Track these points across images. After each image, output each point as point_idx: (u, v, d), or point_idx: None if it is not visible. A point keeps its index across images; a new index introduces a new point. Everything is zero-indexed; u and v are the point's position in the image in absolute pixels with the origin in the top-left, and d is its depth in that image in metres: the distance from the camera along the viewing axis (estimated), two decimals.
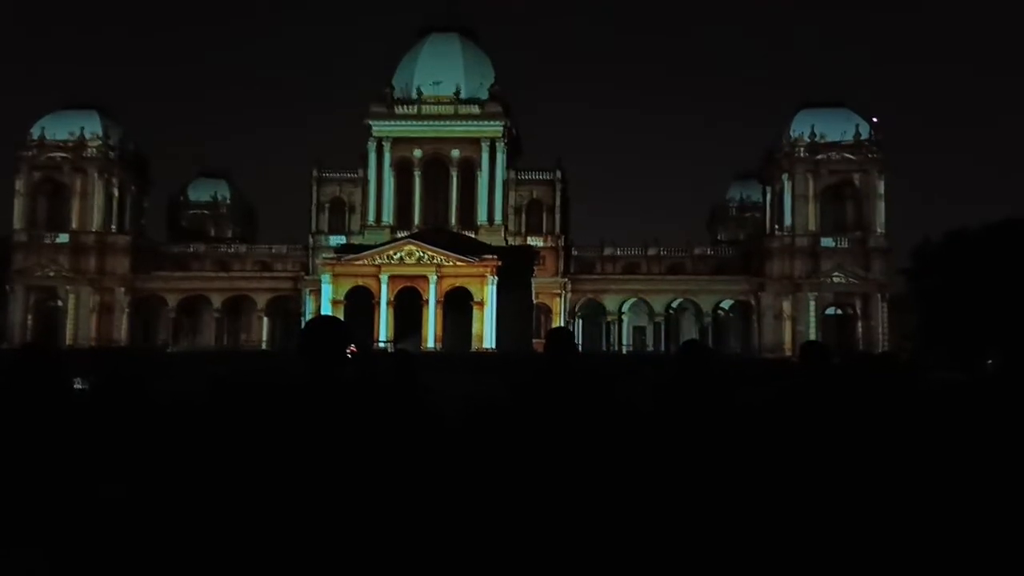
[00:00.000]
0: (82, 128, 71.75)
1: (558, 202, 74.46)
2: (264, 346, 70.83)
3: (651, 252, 75.07)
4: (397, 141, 73.47)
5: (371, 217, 73.09)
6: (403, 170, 73.84)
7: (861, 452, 5.53)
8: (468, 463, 5.77)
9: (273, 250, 77.42)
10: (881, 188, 68.78)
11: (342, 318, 49.67)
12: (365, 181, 74.01)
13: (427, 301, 62.43)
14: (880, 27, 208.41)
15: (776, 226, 71.94)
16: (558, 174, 74.87)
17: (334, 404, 4.37)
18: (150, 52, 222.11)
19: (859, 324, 68.35)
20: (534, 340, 61.24)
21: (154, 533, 5.28)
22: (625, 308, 73.62)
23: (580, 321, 72.93)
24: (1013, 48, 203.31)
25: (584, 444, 5.23)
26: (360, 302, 62.53)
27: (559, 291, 71.47)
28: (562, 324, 67.51)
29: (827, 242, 68.85)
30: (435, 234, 66.88)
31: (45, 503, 5.03)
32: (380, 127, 73.31)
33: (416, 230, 69.51)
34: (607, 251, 75.24)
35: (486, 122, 72.96)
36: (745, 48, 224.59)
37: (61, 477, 5.12)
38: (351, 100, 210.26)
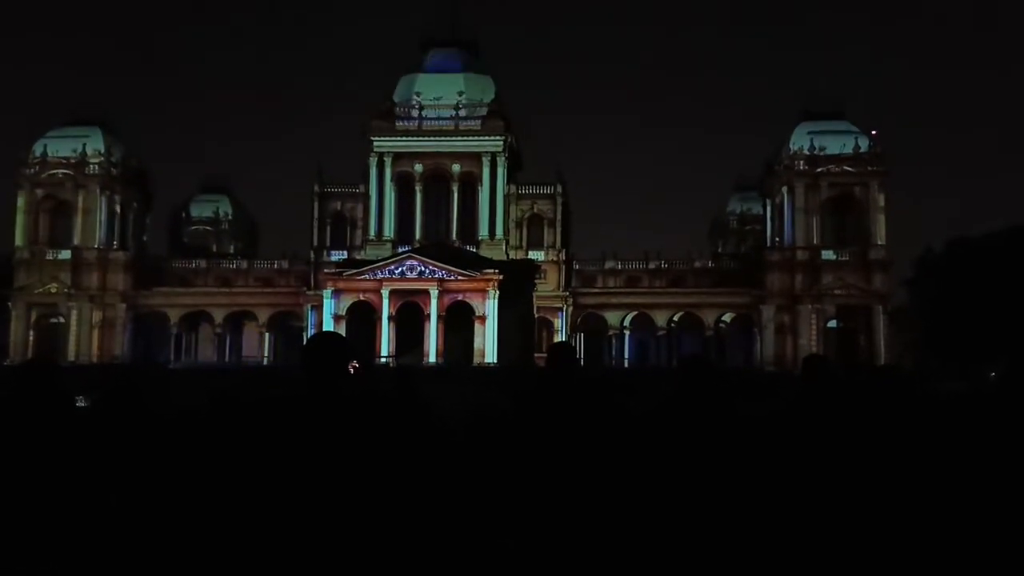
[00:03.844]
0: (84, 145, 71.91)
1: (559, 216, 74.52)
2: (266, 362, 70.76)
3: (652, 265, 74.99)
4: (398, 156, 73.65)
5: (372, 232, 73.17)
6: (404, 185, 74.01)
7: (864, 463, 5.52)
8: (471, 472, 5.76)
9: (275, 265, 77.39)
10: (881, 200, 68.76)
11: (344, 333, 49.76)
12: (366, 196, 74.11)
13: (428, 316, 62.42)
14: (880, 37, 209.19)
15: (776, 239, 71.94)
16: (559, 188, 74.97)
17: (336, 418, 4.38)
18: (152, 68, 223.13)
19: (861, 337, 68.23)
20: (536, 354, 61.18)
21: (156, 546, 5.27)
22: (627, 322, 73.54)
23: (581, 335, 72.82)
24: (1013, 57, 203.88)
25: (588, 452, 5.22)
26: (362, 317, 62.54)
27: (560, 305, 71.41)
28: (563, 338, 67.44)
29: (828, 255, 68.79)
30: (436, 249, 66.92)
31: (50, 522, 5.02)
32: (381, 142, 73.49)
33: (417, 245, 69.56)
34: (608, 264, 75.20)
35: (487, 137, 73.15)
36: (745, 60, 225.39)
37: (65, 494, 5.11)
38: (352, 115, 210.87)
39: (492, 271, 63.40)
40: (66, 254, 71.35)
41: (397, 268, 63.74)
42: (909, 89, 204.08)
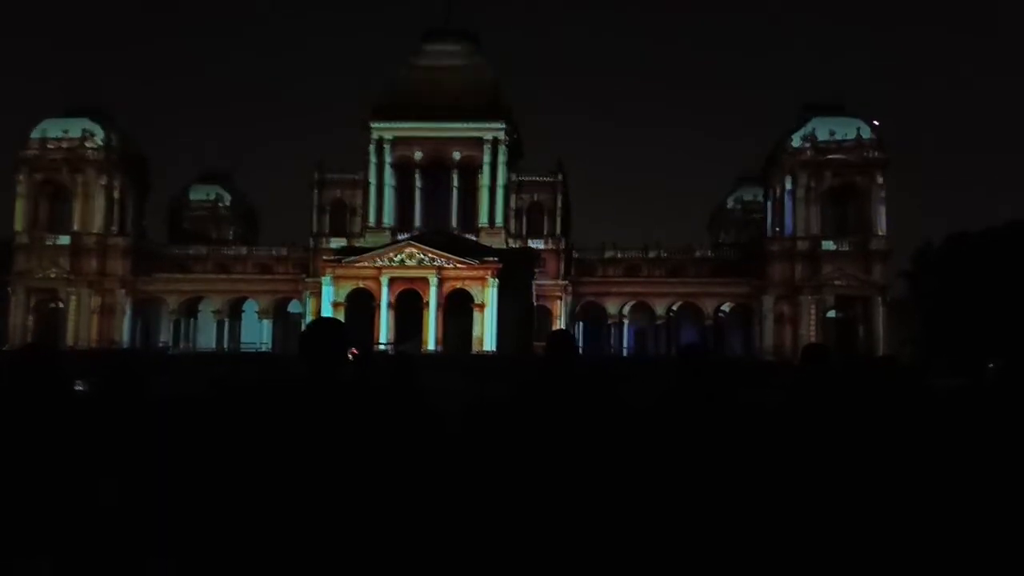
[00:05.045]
0: (83, 130, 71.70)
1: (559, 204, 74.34)
2: (264, 348, 70.77)
3: (652, 255, 74.98)
4: (397, 142, 73.34)
5: (372, 219, 72.96)
6: (404, 172, 73.76)
7: (862, 454, 5.51)
8: (469, 461, 5.75)
9: (274, 252, 77.24)
10: (882, 192, 68.69)
11: (343, 320, 49.76)
12: (366, 183, 73.86)
13: (428, 303, 62.42)
14: (882, 29, 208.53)
15: (777, 229, 71.88)
16: (559, 177, 74.73)
17: (333, 405, 4.37)
18: (152, 54, 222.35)
19: (860, 327, 68.27)
20: (535, 343, 61.21)
21: (154, 535, 5.27)
22: (626, 311, 73.57)
23: (581, 324, 72.86)
24: (1015, 49, 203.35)
25: (588, 442, 5.21)
26: (361, 304, 62.55)
27: (560, 294, 71.39)
28: (563, 327, 67.48)
29: (828, 245, 68.76)
30: (436, 236, 66.82)
31: (49, 508, 5.01)
32: (380, 127, 73.17)
33: (417, 232, 69.41)
34: (608, 254, 75.13)
35: (487, 123, 72.79)
36: (747, 51, 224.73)
37: (63, 481, 5.11)
38: (353, 102, 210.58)
39: (492, 259, 63.36)
40: (65, 239, 71.25)
41: (396, 255, 63.68)
42: (912, 80, 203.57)
